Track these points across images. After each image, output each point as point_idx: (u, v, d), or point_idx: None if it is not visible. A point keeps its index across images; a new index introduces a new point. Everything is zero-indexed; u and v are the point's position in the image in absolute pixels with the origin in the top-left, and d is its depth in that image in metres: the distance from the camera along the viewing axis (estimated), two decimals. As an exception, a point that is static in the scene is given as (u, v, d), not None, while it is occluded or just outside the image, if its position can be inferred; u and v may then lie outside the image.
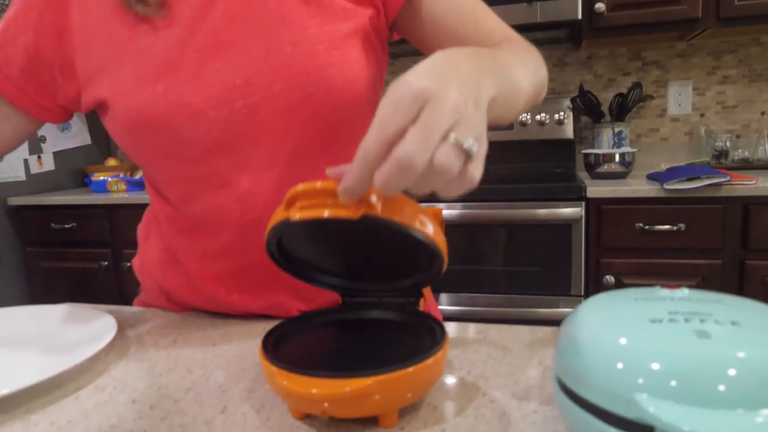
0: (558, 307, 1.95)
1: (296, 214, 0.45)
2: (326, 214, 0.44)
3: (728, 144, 2.25)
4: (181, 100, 0.62)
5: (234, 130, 0.64)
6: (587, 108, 2.35)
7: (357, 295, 0.57)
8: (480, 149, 0.40)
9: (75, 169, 2.84)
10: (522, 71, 0.61)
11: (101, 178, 2.53)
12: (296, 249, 0.55)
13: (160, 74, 0.63)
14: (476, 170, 0.40)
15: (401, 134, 0.38)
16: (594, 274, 1.94)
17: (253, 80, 0.63)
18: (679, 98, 2.39)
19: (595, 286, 1.95)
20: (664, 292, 0.38)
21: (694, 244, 1.85)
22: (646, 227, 1.86)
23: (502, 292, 2.00)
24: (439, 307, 2.05)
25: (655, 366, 0.31)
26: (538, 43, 2.63)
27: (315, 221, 0.45)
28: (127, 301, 2.32)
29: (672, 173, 1.90)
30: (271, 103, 0.63)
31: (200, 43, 0.63)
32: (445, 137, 0.38)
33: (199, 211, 0.68)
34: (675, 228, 1.84)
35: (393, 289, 0.56)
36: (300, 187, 0.45)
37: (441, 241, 0.48)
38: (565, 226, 1.91)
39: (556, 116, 2.36)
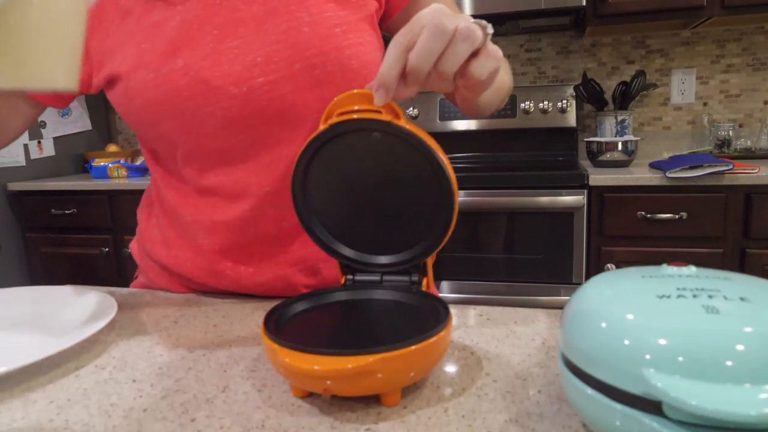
0: (559, 295, 1.95)
1: (330, 121, 0.52)
2: (356, 115, 0.51)
3: (731, 133, 2.24)
4: (201, 76, 0.63)
5: (254, 107, 0.65)
6: (590, 96, 2.33)
7: (361, 270, 0.57)
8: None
9: (75, 154, 2.83)
10: (502, 69, 0.72)
11: (102, 163, 2.52)
12: (314, 199, 0.57)
13: (178, 49, 0.63)
14: (496, 49, 0.48)
15: None
16: (595, 262, 1.94)
17: (273, 58, 0.64)
18: (682, 87, 2.37)
19: (596, 274, 1.94)
20: (672, 270, 0.38)
21: (695, 233, 1.85)
22: (648, 215, 1.86)
23: (503, 279, 2.00)
24: (440, 294, 2.05)
25: (664, 341, 0.30)
26: (541, 30, 2.61)
27: (345, 134, 0.52)
28: (128, 286, 2.32)
29: (674, 162, 1.89)
30: (292, 81, 0.65)
31: (219, 19, 0.64)
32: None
33: (214, 184, 0.69)
34: (677, 216, 1.84)
35: (398, 263, 0.55)
36: (338, 97, 0.52)
37: (453, 174, 0.52)
38: (567, 214, 1.90)
39: (559, 104, 2.34)
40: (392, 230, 0.56)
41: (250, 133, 0.66)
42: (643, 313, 0.32)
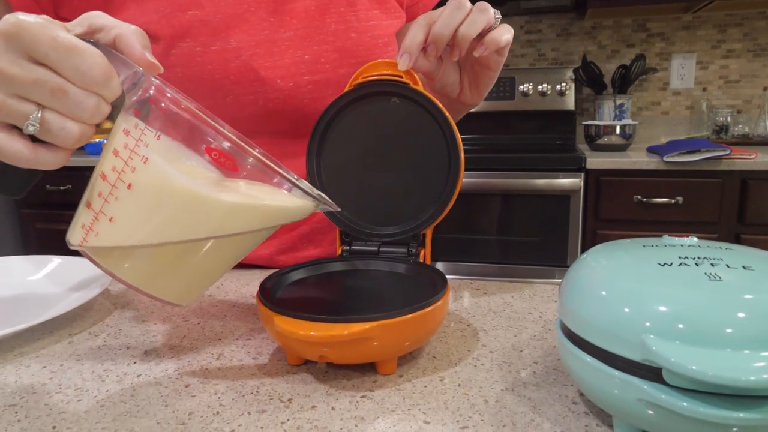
0: (554, 277, 1.95)
1: (355, 82, 0.55)
2: (376, 76, 0.54)
3: (729, 119, 2.23)
4: (252, 63, 0.63)
5: (296, 103, 0.66)
6: (589, 79, 2.32)
7: (361, 239, 0.57)
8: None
9: (70, 130, 2.80)
10: None
11: (97, 140, 2.49)
12: (326, 163, 0.58)
13: (231, 28, 0.62)
14: (509, 26, 0.55)
15: None
16: (591, 246, 1.94)
17: (320, 59, 0.65)
18: (682, 72, 2.36)
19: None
20: (673, 240, 0.37)
21: (690, 218, 1.85)
22: (644, 200, 1.85)
23: (499, 262, 2.00)
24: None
25: (665, 307, 0.30)
26: (542, 12, 2.57)
27: (365, 97, 0.55)
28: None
29: (672, 146, 1.88)
30: (336, 85, 0.66)
31: (274, 6, 0.64)
32: None
33: None
34: (673, 201, 1.84)
35: (399, 233, 0.55)
36: (364, 65, 0.56)
37: (460, 141, 0.54)
38: (564, 196, 1.90)
39: (558, 87, 2.33)
40: (395, 201, 0.56)
41: (285, 124, 0.67)
42: (645, 281, 0.32)
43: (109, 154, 0.37)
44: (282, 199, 0.39)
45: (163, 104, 0.36)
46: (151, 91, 0.37)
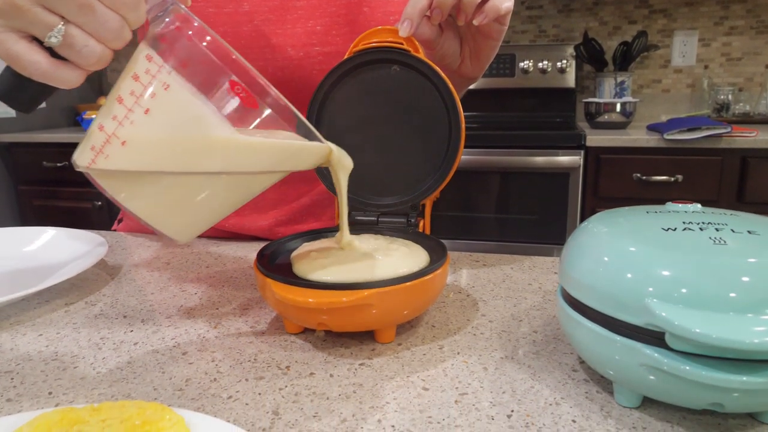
0: (552, 255, 1.95)
1: (354, 49, 0.54)
2: (376, 43, 0.53)
3: (730, 97, 2.21)
4: (263, 29, 0.62)
5: (305, 73, 0.65)
6: (590, 56, 2.30)
7: (360, 210, 0.56)
8: None
9: (66, 107, 2.78)
10: None
11: (93, 116, 2.47)
12: (326, 132, 0.57)
13: None
14: None
15: None
16: (589, 224, 1.94)
17: (332, 31, 0.65)
18: (684, 49, 2.34)
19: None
20: (677, 206, 0.37)
21: (689, 196, 1.84)
22: (644, 177, 1.85)
23: (497, 239, 2.00)
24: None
25: (670, 271, 0.29)
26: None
27: (366, 65, 0.54)
28: (120, 240, 2.31)
29: (672, 124, 1.87)
30: None
31: None
32: None
33: None
34: (672, 179, 1.83)
35: (398, 203, 0.55)
36: (365, 32, 0.55)
37: (461, 111, 0.53)
38: (563, 174, 1.89)
39: (559, 64, 2.30)
40: (394, 171, 0.55)
41: (294, 94, 0.66)
42: (648, 245, 0.31)
43: (128, 79, 0.36)
44: (298, 141, 0.40)
45: (189, 33, 0.36)
46: (179, 22, 0.36)
